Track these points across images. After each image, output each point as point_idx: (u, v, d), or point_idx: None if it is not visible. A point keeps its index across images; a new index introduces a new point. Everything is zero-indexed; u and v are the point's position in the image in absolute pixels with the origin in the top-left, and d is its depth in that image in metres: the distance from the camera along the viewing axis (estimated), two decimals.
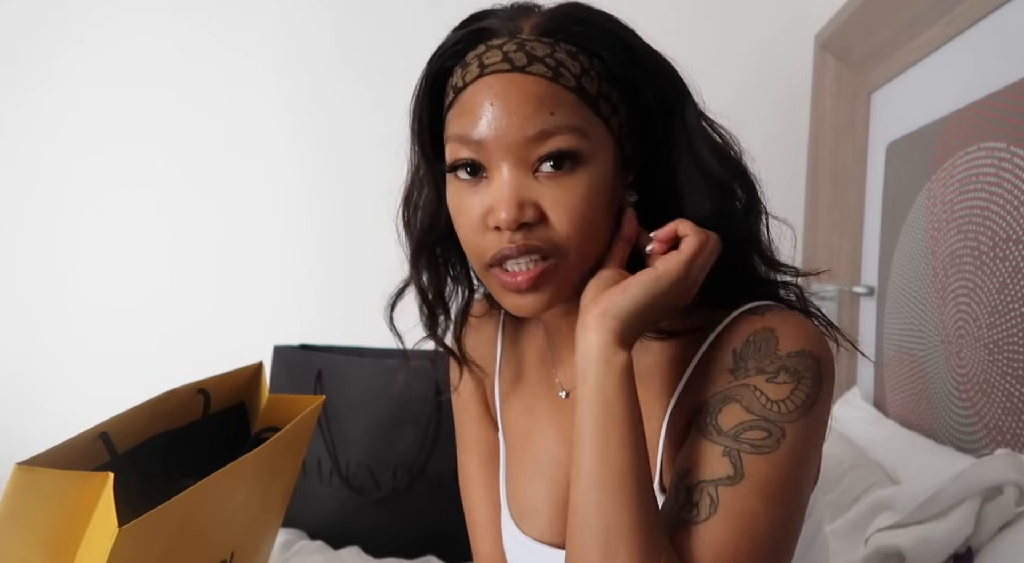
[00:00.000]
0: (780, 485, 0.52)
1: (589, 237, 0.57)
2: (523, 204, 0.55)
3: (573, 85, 0.55)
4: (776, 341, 0.56)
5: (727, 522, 0.51)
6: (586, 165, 0.56)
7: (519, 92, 0.55)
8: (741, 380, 0.55)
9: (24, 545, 0.64)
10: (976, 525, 0.82)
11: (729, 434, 0.53)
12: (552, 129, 0.54)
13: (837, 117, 1.61)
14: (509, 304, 0.59)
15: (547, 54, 0.55)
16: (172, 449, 0.85)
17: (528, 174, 0.56)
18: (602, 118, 0.57)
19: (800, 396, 0.54)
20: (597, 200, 0.56)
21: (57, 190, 1.83)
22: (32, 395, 1.85)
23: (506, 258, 0.56)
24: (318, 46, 1.80)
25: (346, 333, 1.71)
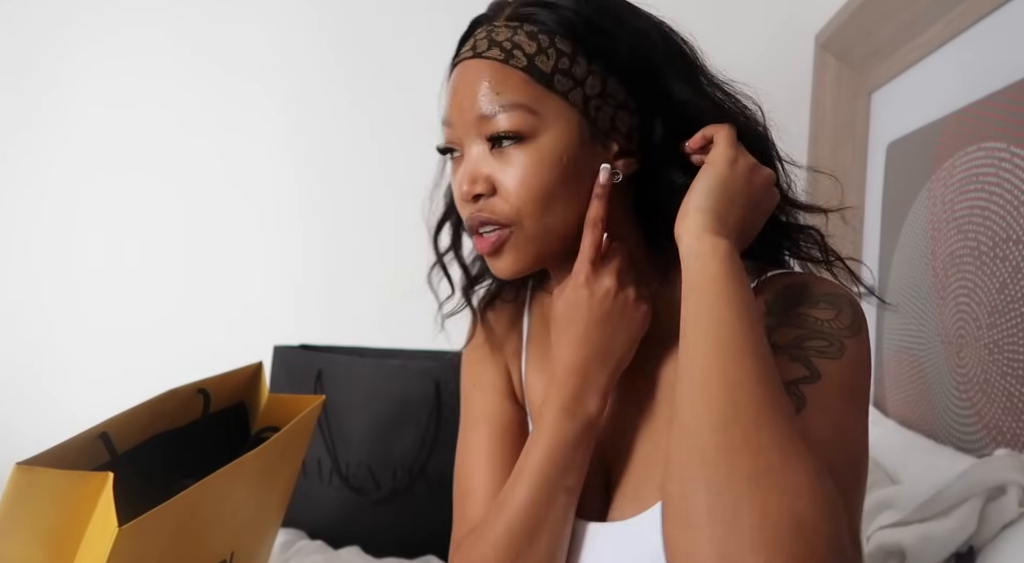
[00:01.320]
0: (854, 387, 0.54)
1: (542, 206, 0.61)
2: (475, 179, 0.62)
3: (524, 65, 0.61)
4: (810, 287, 0.59)
5: (817, 415, 0.52)
6: (535, 139, 0.61)
7: (474, 75, 0.62)
8: (782, 316, 0.57)
9: (24, 545, 0.64)
10: (978, 524, 0.82)
11: (790, 346, 0.55)
12: (496, 109, 0.60)
13: (837, 117, 1.61)
14: (491, 268, 0.65)
15: (507, 38, 0.62)
16: (172, 449, 0.85)
17: (487, 150, 0.62)
18: (558, 93, 0.61)
19: (846, 319, 0.56)
20: (549, 172, 0.60)
21: (65, 194, 1.84)
22: (33, 394, 1.85)
23: (473, 227, 0.63)
24: (312, 55, 1.80)
25: (346, 333, 1.71)
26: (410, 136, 1.79)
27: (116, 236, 1.84)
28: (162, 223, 1.84)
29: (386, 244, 1.81)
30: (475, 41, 0.64)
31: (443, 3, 1.77)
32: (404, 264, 1.80)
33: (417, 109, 1.77)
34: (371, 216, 1.81)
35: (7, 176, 1.85)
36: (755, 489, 0.45)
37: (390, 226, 1.80)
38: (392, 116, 1.79)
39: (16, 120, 1.84)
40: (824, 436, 0.52)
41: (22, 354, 1.85)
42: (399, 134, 1.80)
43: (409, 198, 1.79)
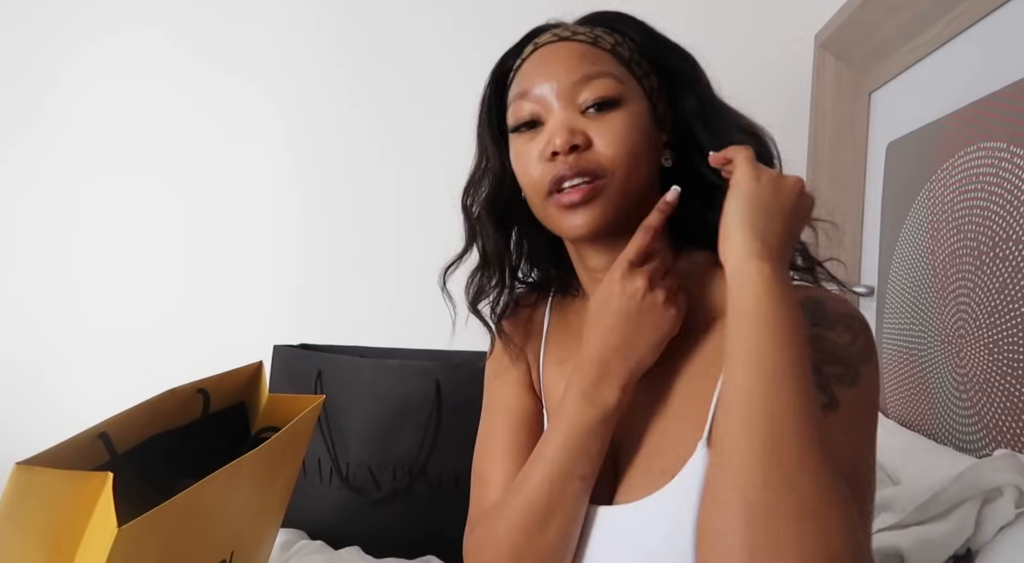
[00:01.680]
0: (867, 412, 0.58)
1: (632, 163, 0.67)
2: (574, 131, 0.66)
3: (609, 47, 0.69)
4: (826, 306, 0.62)
5: (841, 451, 0.55)
6: (624, 106, 0.67)
7: (566, 51, 0.69)
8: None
9: (24, 545, 0.64)
10: (976, 526, 0.82)
11: (812, 371, 0.57)
12: (594, 74, 0.67)
13: (837, 117, 1.61)
14: (566, 225, 0.68)
15: (586, 31, 0.71)
16: (172, 449, 0.85)
17: (577, 113, 0.67)
18: (636, 77, 0.70)
19: (860, 344, 0.60)
20: (635, 135, 0.67)
21: (65, 194, 1.85)
22: (33, 394, 1.85)
23: (562, 179, 0.66)
24: (313, 55, 1.80)
25: (346, 333, 1.72)
26: (410, 136, 1.79)
27: (116, 236, 1.84)
28: (162, 223, 1.84)
29: (386, 244, 1.81)
30: (555, 33, 0.71)
31: (444, 3, 1.78)
32: (404, 264, 1.81)
33: (417, 109, 1.78)
34: (371, 216, 1.82)
35: (7, 176, 1.85)
36: (795, 530, 0.50)
37: (390, 226, 1.80)
38: (392, 116, 1.80)
39: (16, 120, 1.84)
40: (841, 463, 0.55)
41: (22, 354, 1.85)
42: (399, 134, 1.80)
43: (410, 197, 1.80)
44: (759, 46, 1.70)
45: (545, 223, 0.71)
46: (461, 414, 1.31)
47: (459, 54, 1.71)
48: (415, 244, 1.80)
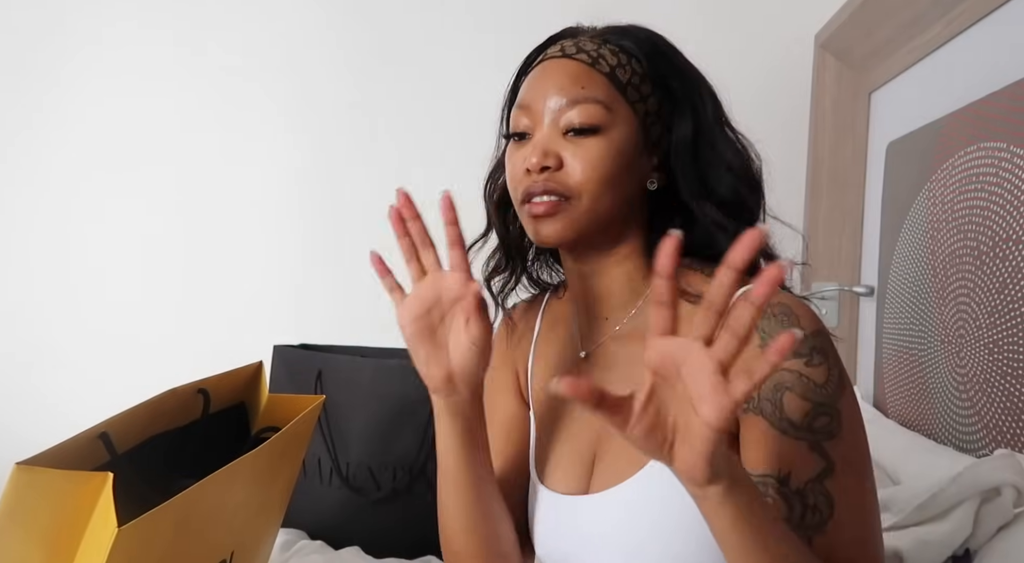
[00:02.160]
0: (858, 458, 0.62)
1: (602, 189, 0.69)
2: (547, 153, 0.70)
3: (607, 71, 0.71)
4: (798, 319, 0.64)
5: (846, 512, 0.60)
6: (604, 133, 0.70)
7: (561, 70, 0.72)
8: (783, 364, 0.61)
9: (24, 545, 0.64)
10: (974, 527, 0.82)
11: (804, 427, 0.61)
12: (580, 98, 0.70)
13: (837, 117, 1.61)
14: (532, 232, 0.72)
15: (593, 48, 0.72)
16: (172, 449, 0.85)
17: (559, 135, 0.71)
18: (628, 101, 0.71)
19: (835, 374, 0.62)
20: (609, 163, 0.69)
21: (64, 194, 1.84)
22: (32, 394, 1.85)
23: (532, 194, 0.70)
24: (314, 53, 1.80)
25: (346, 333, 1.71)
26: (410, 135, 1.79)
27: (116, 236, 1.84)
28: (162, 223, 1.84)
29: (386, 244, 1.81)
30: (563, 46, 0.74)
31: (443, 3, 1.78)
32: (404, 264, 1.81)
33: (417, 108, 1.78)
34: (371, 216, 1.81)
35: (7, 176, 1.85)
36: None
37: (390, 226, 1.80)
38: (392, 115, 1.79)
39: (16, 120, 1.84)
40: (855, 529, 0.60)
41: (22, 354, 1.85)
42: (399, 134, 1.80)
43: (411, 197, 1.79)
44: (759, 46, 1.69)
45: (524, 227, 0.75)
46: None
47: (460, 54, 1.71)
48: None
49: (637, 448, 0.50)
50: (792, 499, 0.61)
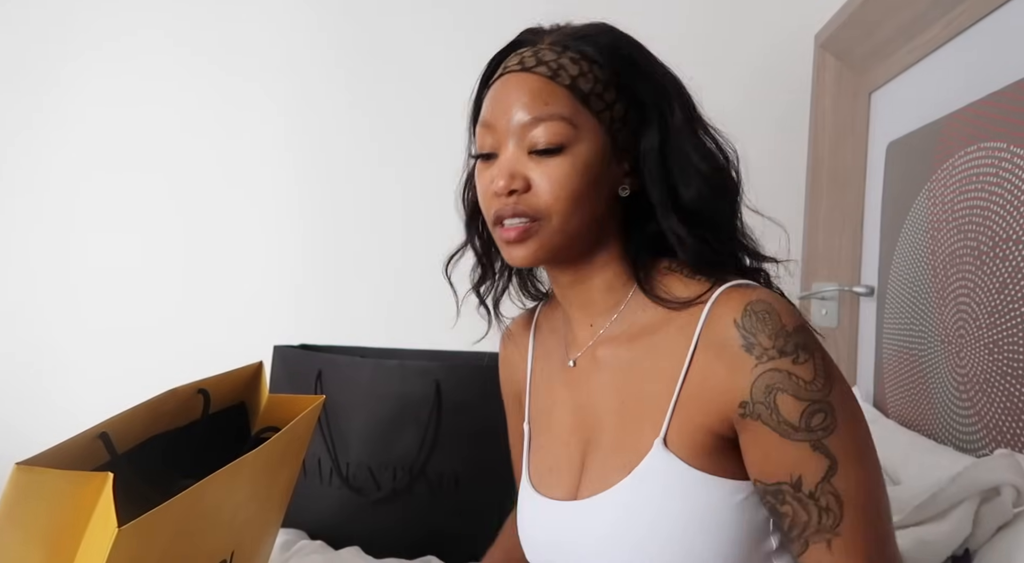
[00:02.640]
0: (859, 448, 0.62)
1: (571, 207, 0.69)
2: (515, 176, 0.69)
3: (568, 83, 0.69)
4: (779, 316, 0.63)
5: (857, 508, 0.61)
6: (570, 150, 0.68)
7: (523, 86, 0.69)
8: (769, 364, 0.62)
9: (24, 545, 0.64)
10: (974, 527, 0.82)
11: (803, 427, 0.61)
12: (544, 116, 0.68)
13: (837, 117, 1.61)
14: (506, 255, 0.72)
15: (552, 59, 0.70)
16: (172, 449, 0.85)
17: (524, 154, 0.69)
18: (592, 112, 0.69)
19: (821, 369, 0.62)
20: (577, 180, 0.68)
21: (65, 194, 1.85)
22: (33, 394, 1.85)
23: (502, 217, 0.70)
24: (313, 54, 1.81)
25: (346, 333, 1.72)
26: (410, 135, 1.79)
27: (116, 236, 1.84)
28: (162, 223, 1.84)
29: (386, 244, 1.81)
30: (522, 58, 0.71)
31: (444, 2, 1.78)
32: (404, 264, 1.81)
33: (417, 108, 1.78)
34: (371, 216, 1.82)
35: (8, 176, 1.85)
36: None
37: (390, 226, 1.81)
38: (392, 116, 1.80)
39: (16, 121, 1.84)
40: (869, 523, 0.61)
41: (22, 354, 1.85)
42: (399, 134, 1.80)
43: (410, 197, 1.80)
44: (759, 46, 1.70)
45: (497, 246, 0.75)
46: (461, 414, 1.31)
47: (459, 54, 1.71)
48: (415, 244, 1.80)
49: None
50: (807, 503, 0.61)
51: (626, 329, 0.74)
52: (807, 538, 0.62)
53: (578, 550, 0.71)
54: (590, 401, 0.75)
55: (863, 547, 0.60)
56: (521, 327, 0.90)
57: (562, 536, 0.73)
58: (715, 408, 0.65)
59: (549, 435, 0.80)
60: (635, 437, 0.69)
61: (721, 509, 0.64)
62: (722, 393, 0.64)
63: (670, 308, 0.70)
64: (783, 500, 0.62)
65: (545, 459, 0.80)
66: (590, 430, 0.75)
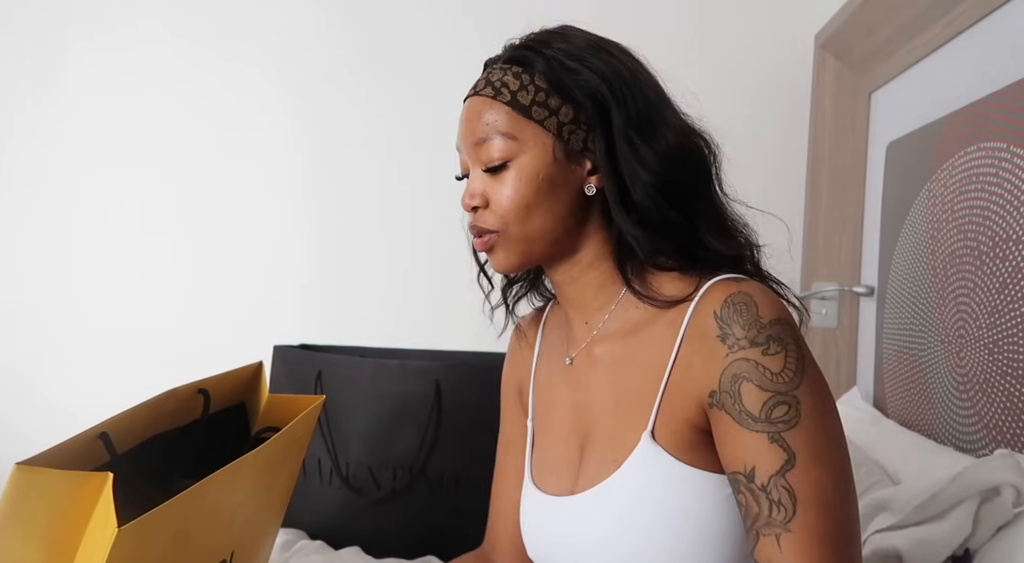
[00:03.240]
0: (823, 449, 0.61)
1: (523, 215, 0.72)
2: (474, 195, 0.74)
3: (507, 99, 0.73)
4: (756, 307, 0.64)
5: (811, 508, 0.60)
6: (514, 163, 0.72)
7: (471, 110, 0.75)
8: (739, 354, 0.63)
9: (23, 545, 0.64)
10: (974, 527, 0.82)
11: (762, 419, 0.61)
12: (484, 137, 0.73)
13: (837, 117, 1.61)
14: (491, 262, 0.77)
15: (498, 78, 0.74)
16: (172, 449, 0.85)
17: (482, 172, 0.74)
18: (535, 121, 0.72)
19: (792, 362, 0.62)
20: (526, 188, 0.72)
21: (63, 192, 1.84)
22: (33, 394, 1.85)
23: (473, 231, 0.76)
24: (317, 51, 1.80)
25: (346, 333, 1.72)
26: (416, 134, 1.79)
27: (116, 235, 1.84)
28: (162, 223, 1.84)
29: (388, 244, 1.81)
30: (476, 83, 0.76)
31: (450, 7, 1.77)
32: (405, 264, 1.81)
33: (424, 107, 1.78)
34: (374, 216, 1.82)
35: (5, 174, 1.85)
36: None
37: (393, 225, 1.81)
38: (399, 114, 1.79)
39: (14, 117, 1.84)
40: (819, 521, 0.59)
41: (22, 354, 1.85)
42: (404, 132, 1.80)
43: (415, 197, 1.80)
44: (759, 46, 1.70)
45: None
46: (461, 414, 1.31)
47: (469, 49, 1.71)
48: (417, 244, 1.80)
49: None
50: (758, 495, 0.61)
51: (620, 327, 0.75)
52: (758, 530, 0.61)
53: (577, 545, 0.71)
54: (587, 399, 0.77)
55: (816, 548, 0.59)
56: (530, 324, 0.92)
57: (561, 531, 0.74)
58: (692, 399, 0.66)
59: (550, 433, 0.81)
60: (626, 432, 0.70)
61: (708, 503, 0.65)
62: (697, 383, 0.65)
63: (657, 307, 0.71)
64: (738, 489, 0.63)
65: (546, 457, 0.81)
66: (587, 427, 0.76)
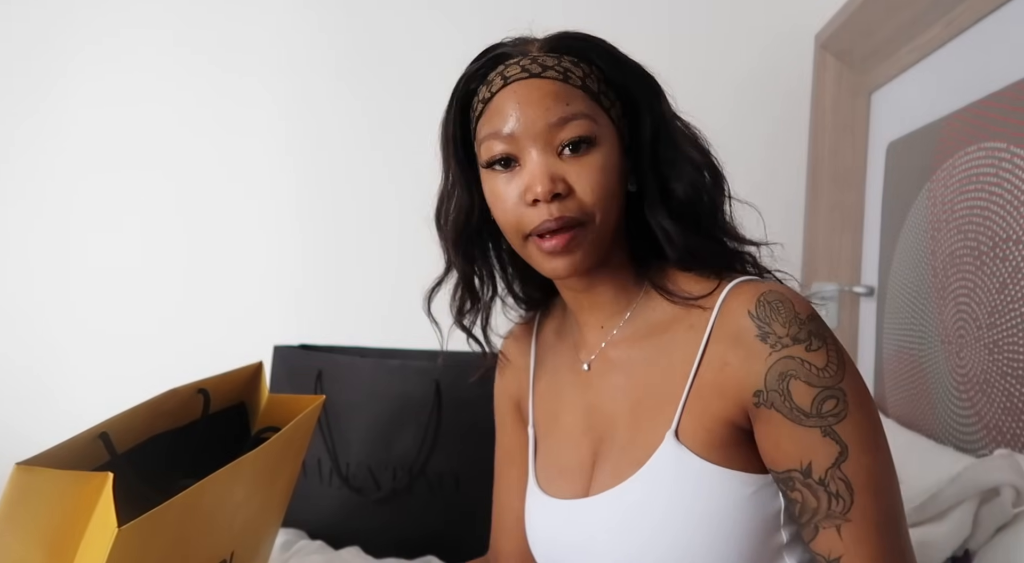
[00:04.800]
0: (869, 436, 0.62)
1: (610, 205, 0.69)
2: (555, 179, 0.67)
3: (579, 84, 0.69)
4: (792, 304, 0.64)
5: (867, 495, 0.61)
6: (599, 146, 0.68)
7: (539, 91, 0.68)
8: (783, 352, 0.63)
9: (24, 545, 0.64)
10: (973, 527, 0.82)
11: (814, 414, 0.62)
12: (569, 116, 0.67)
13: (837, 117, 1.61)
14: (548, 268, 0.70)
15: (555, 64, 0.69)
16: (172, 449, 0.85)
17: (554, 156, 0.68)
18: (604, 109, 0.70)
19: (834, 356, 0.63)
20: (610, 175, 0.69)
21: (65, 193, 1.84)
22: (33, 394, 1.85)
23: (546, 229, 0.67)
24: (311, 57, 1.81)
25: (346, 333, 1.71)
26: (411, 135, 1.79)
27: (116, 236, 1.84)
28: (162, 223, 1.84)
29: (386, 244, 1.81)
30: (523, 66, 0.70)
31: (443, 3, 1.78)
32: (404, 264, 1.81)
33: (418, 109, 1.77)
34: (371, 216, 1.82)
35: (6, 175, 1.85)
36: None
37: (390, 226, 1.81)
38: (393, 116, 1.80)
39: (16, 119, 1.84)
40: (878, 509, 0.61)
41: (22, 354, 1.85)
42: (400, 134, 1.80)
43: (410, 197, 1.79)
44: (760, 46, 1.70)
45: (525, 259, 0.73)
46: (461, 414, 1.31)
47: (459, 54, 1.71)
48: (415, 244, 1.79)
49: None
50: (817, 489, 0.62)
51: (637, 329, 0.74)
52: (817, 523, 0.62)
53: (589, 546, 0.71)
54: (601, 402, 0.76)
55: (874, 533, 0.61)
56: (522, 335, 0.90)
57: (573, 533, 0.73)
58: (732, 398, 0.65)
59: (557, 438, 0.80)
60: (647, 433, 0.69)
61: (732, 502, 0.65)
62: (738, 382, 0.65)
63: (682, 304, 0.70)
64: (793, 487, 0.63)
65: (555, 462, 0.80)
66: (602, 430, 0.75)
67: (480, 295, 0.82)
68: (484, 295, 0.82)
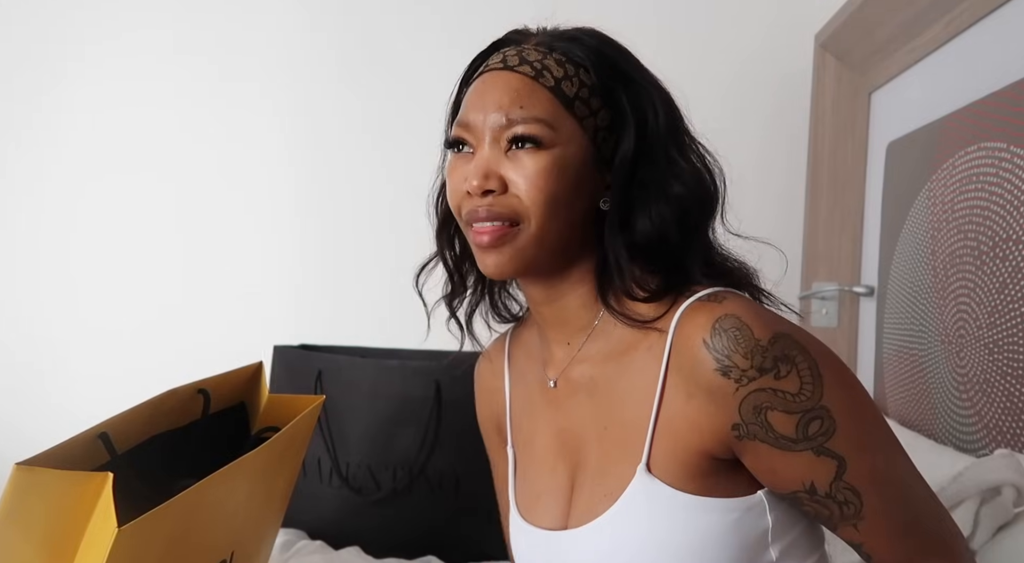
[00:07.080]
0: (863, 436, 0.61)
1: (550, 210, 0.65)
2: (489, 175, 0.65)
3: (551, 85, 0.66)
4: (750, 329, 0.60)
5: (875, 493, 0.61)
6: (548, 149, 0.65)
7: (503, 85, 0.66)
8: (751, 386, 0.60)
9: (24, 545, 0.64)
10: (974, 527, 0.82)
11: (801, 438, 0.60)
12: (518, 119, 0.65)
13: (837, 117, 1.61)
14: (480, 262, 0.68)
15: (536, 59, 0.67)
16: (172, 449, 0.85)
17: (501, 153, 0.66)
18: (575, 117, 0.66)
19: (807, 374, 0.60)
20: (557, 181, 0.65)
21: (66, 195, 1.84)
22: (33, 394, 1.85)
23: (476, 219, 0.66)
24: (313, 53, 1.81)
25: (346, 333, 1.71)
26: (409, 135, 1.79)
27: (116, 237, 1.84)
28: (162, 224, 1.84)
29: (385, 244, 1.81)
30: (505, 56, 0.68)
31: (439, 4, 1.78)
32: (403, 264, 1.81)
33: (416, 108, 1.77)
34: (370, 216, 1.82)
35: (9, 177, 1.85)
36: None
37: (389, 226, 1.80)
38: (391, 116, 1.80)
39: (18, 121, 1.84)
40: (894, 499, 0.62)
41: (22, 354, 1.85)
42: (398, 134, 1.80)
43: (409, 197, 1.79)
44: (759, 46, 1.70)
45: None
46: (461, 414, 1.30)
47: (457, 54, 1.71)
48: (414, 244, 1.78)
49: None
50: (825, 502, 0.62)
51: (601, 348, 0.71)
52: (834, 526, 0.63)
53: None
54: (571, 424, 0.73)
55: (892, 524, 0.62)
56: (495, 352, 0.87)
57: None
58: (707, 433, 0.62)
59: (533, 460, 0.78)
60: (618, 464, 0.67)
61: (714, 532, 0.63)
62: (709, 417, 0.62)
63: (636, 327, 0.67)
64: (802, 503, 0.63)
65: (533, 485, 0.77)
66: (575, 454, 0.73)
67: (465, 285, 0.81)
68: (470, 286, 0.81)
